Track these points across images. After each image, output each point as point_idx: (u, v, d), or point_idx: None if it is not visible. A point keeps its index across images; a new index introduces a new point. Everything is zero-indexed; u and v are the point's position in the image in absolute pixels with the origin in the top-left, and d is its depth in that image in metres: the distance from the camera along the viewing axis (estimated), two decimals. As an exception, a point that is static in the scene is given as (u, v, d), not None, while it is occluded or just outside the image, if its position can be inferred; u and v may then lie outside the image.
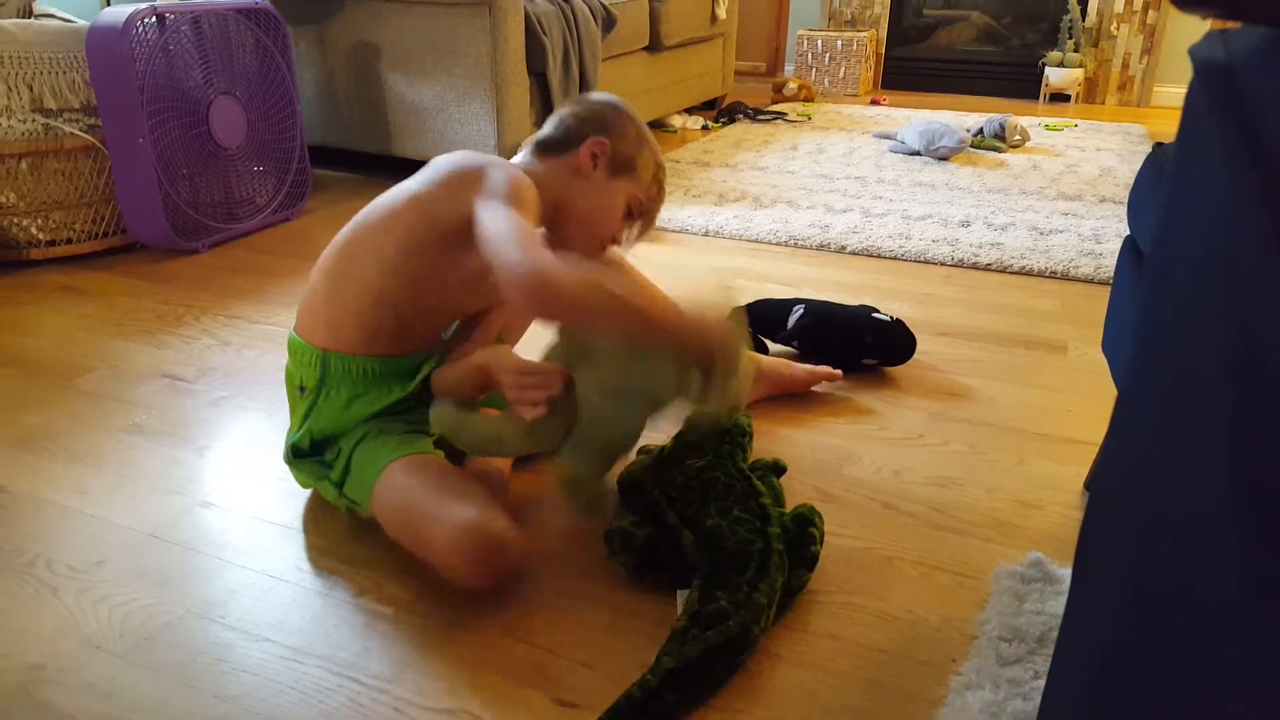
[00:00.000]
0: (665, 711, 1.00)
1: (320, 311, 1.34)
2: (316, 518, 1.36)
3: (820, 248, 2.63)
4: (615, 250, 1.53)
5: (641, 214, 1.46)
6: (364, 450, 1.30)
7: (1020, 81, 5.47)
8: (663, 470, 1.32)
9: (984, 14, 5.64)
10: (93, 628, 1.14)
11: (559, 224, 1.39)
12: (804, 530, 1.22)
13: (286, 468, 1.40)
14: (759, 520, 1.19)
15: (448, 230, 1.26)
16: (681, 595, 1.14)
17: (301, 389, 1.35)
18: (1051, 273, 2.42)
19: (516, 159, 1.41)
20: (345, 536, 1.32)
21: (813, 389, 1.74)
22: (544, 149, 1.41)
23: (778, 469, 1.41)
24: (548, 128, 1.42)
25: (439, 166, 1.33)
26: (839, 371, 1.75)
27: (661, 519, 1.23)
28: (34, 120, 2.33)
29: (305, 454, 1.35)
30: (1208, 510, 0.48)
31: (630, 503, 1.32)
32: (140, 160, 2.36)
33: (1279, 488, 0.43)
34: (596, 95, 1.45)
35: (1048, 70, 5.23)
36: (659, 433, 1.47)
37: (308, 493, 1.42)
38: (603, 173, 1.39)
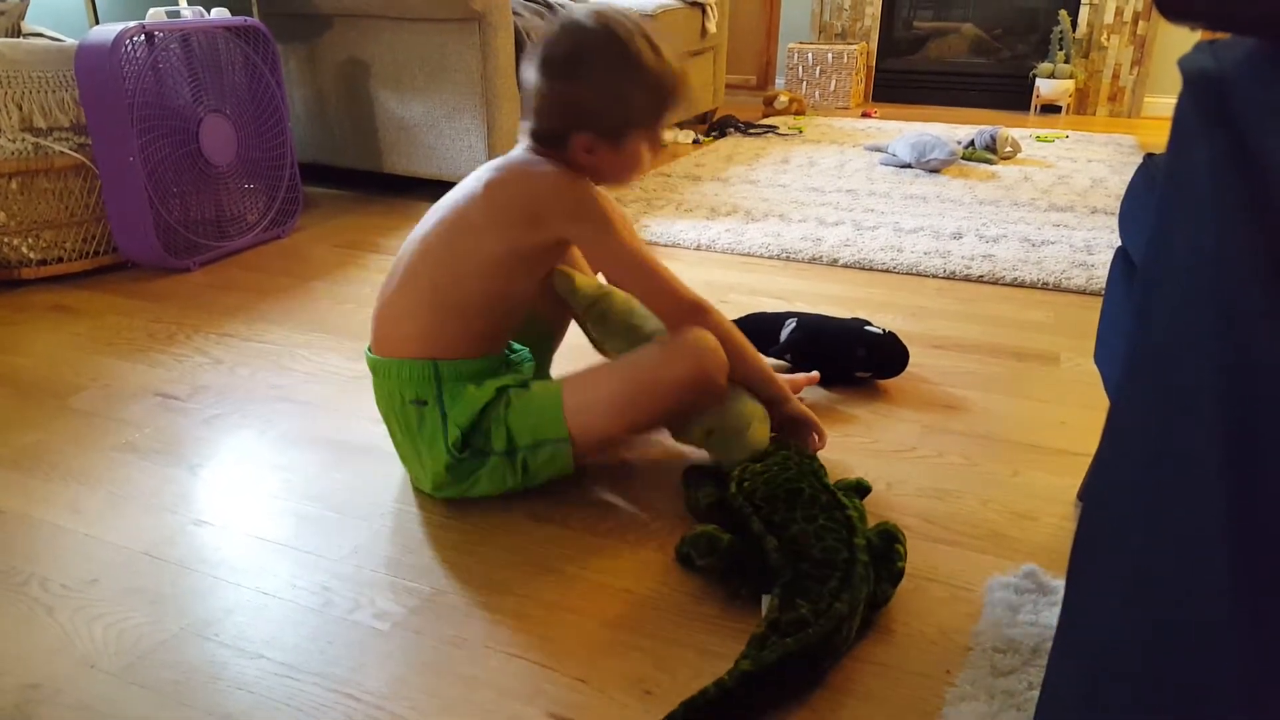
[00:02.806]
0: (737, 713, 1.01)
1: (419, 322, 1.37)
2: (311, 535, 1.36)
3: (812, 261, 2.64)
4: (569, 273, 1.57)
5: (668, 125, 1.45)
6: (518, 408, 1.36)
7: (1011, 93, 5.49)
8: (746, 481, 1.33)
9: (975, 26, 5.67)
10: (87, 647, 1.13)
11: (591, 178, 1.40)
12: (890, 545, 1.22)
13: (413, 487, 1.46)
14: (845, 531, 1.19)
15: (533, 252, 1.38)
16: (766, 600, 1.14)
17: (420, 402, 1.37)
18: (1044, 284, 2.43)
19: (516, 151, 1.39)
20: (340, 553, 1.31)
21: (800, 398, 1.73)
22: (540, 141, 1.38)
23: (861, 489, 1.41)
24: (531, 113, 1.37)
25: (503, 192, 1.36)
26: (816, 374, 1.78)
27: (746, 525, 1.24)
28: (24, 139, 2.33)
29: (459, 455, 1.36)
30: (1201, 519, 0.48)
31: (715, 511, 1.34)
32: (130, 179, 2.36)
33: (1272, 495, 0.43)
34: (560, 39, 1.34)
35: (1038, 82, 5.25)
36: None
37: (302, 510, 1.41)
38: (605, 151, 1.35)
